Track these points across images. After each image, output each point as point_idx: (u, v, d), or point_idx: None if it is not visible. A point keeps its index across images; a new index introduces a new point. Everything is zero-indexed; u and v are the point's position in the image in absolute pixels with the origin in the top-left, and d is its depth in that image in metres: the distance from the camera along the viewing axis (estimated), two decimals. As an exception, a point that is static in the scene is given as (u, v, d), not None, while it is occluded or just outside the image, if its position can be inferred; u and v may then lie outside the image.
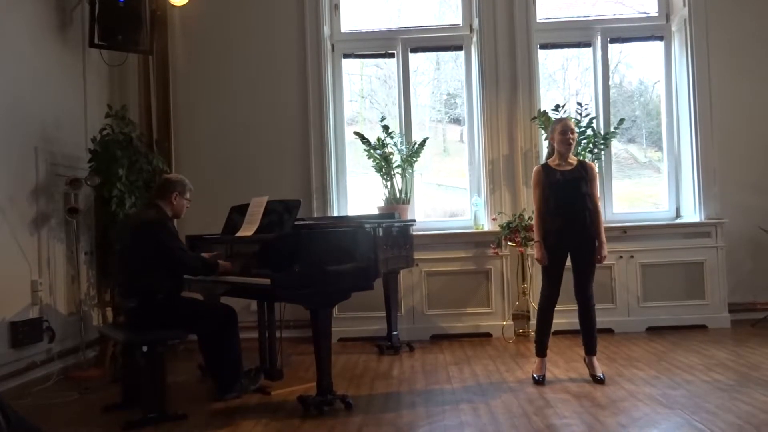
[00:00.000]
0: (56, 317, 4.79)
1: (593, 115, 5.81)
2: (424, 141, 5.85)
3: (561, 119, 4.26)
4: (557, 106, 5.64)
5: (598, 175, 4.16)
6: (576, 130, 4.14)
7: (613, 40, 6.09)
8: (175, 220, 4.06)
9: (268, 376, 4.23)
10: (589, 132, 5.63)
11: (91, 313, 5.22)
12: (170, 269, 3.70)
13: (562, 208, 3.98)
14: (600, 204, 4.12)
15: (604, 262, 4.12)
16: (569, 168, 4.04)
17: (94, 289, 5.23)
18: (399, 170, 5.84)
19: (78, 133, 5.21)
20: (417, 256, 5.21)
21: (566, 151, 4.05)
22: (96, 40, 5.14)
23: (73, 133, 5.16)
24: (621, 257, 5.56)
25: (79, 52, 5.31)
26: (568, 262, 4.06)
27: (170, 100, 5.92)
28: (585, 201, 3.98)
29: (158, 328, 3.54)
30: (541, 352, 4.10)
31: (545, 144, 5.52)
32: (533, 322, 5.15)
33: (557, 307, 4.15)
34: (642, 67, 6.39)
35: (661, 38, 6.08)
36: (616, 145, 6.11)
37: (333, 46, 6.11)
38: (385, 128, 5.79)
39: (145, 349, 3.44)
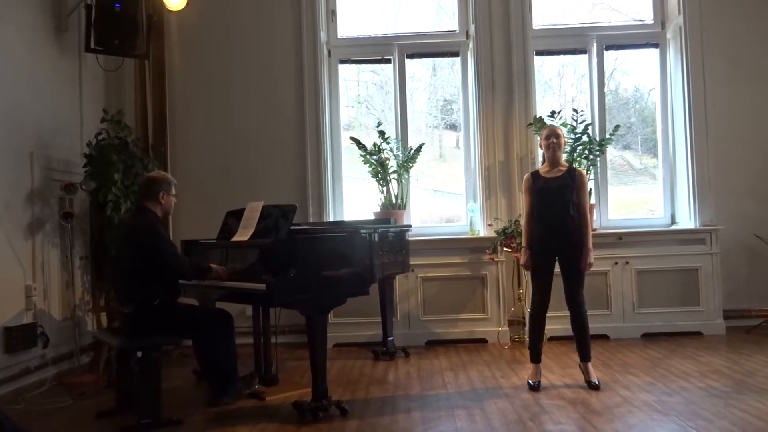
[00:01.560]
0: (50, 322, 4.77)
1: (589, 121, 5.83)
2: (420, 147, 5.86)
3: (548, 125, 4.31)
4: (553, 113, 5.66)
5: (587, 182, 4.17)
6: (563, 135, 4.16)
7: (609, 47, 6.12)
8: (171, 228, 4.04)
9: (263, 382, 4.22)
10: (585, 138, 5.65)
11: (86, 319, 5.20)
12: (163, 274, 3.69)
13: (544, 214, 4.02)
14: (588, 211, 4.11)
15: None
16: (557, 175, 4.07)
17: (88, 294, 5.21)
18: (395, 176, 5.85)
19: (73, 138, 5.20)
20: (413, 261, 5.20)
21: (552, 155, 4.09)
22: (92, 45, 5.13)
23: (68, 138, 5.15)
24: (616, 263, 5.56)
25: (75, 56, 5.30)
26: (557, 269, 4.08)
27: (166, 105, 5.92)
28: (567, 208, 3.98)
29: (154, 334, 3.53)
30: (536, 358, 4.11)
31: (540, 151, 5.54)
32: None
33: (552, 314, 4.17)
34: (637, 74, 6.41)
35: (656, 45, 6.11)
36: (611, 151, 6.13)
37: (329, 52, 6.12)
38: (382, 134, 5.80)
39: (140, 354, 3.42)
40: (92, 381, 4.55)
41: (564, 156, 5.57)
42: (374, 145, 5.79)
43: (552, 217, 4.00)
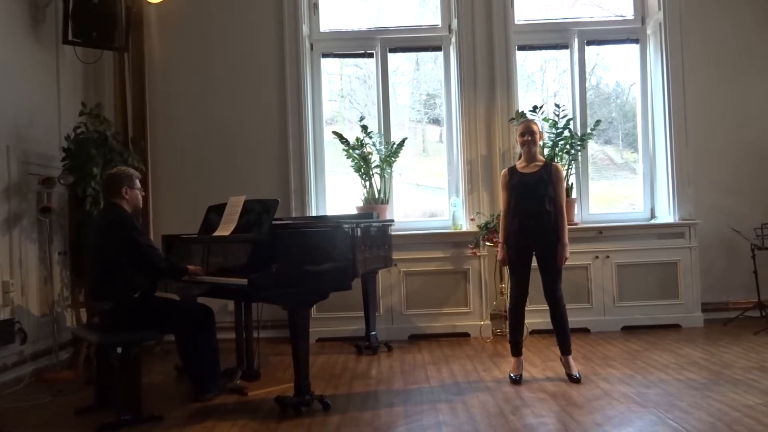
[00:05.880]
0: (28, 318, 4.70)
1: (570, 116, 5.86)
2: (403, 141, 5.86)
3: (522, 121, 4.33)
4: (535, 107, 5.69)
5: (563, 177, 4.18)
6: (538, 130, 4.17)
7: (590, 43, 6.16)
8: (151, 222, 4.00)
9: (245, 377, 4.21)
10: (566, 133, 5.69)
11: (65, 314, 5.13)
12: (141, 267, 3.65)
13: (519, 209, 4.05)
14: (565, 206, 4.12)
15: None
16: (532, 170, 4.08)
17: (67, 289, 5.14)
18: (378, 170, 5.84)
19: (51, 132, 5.12)
20: (395, 256, 5.22)
21: (528, 151, 4.10)
22: (70, 37, 5.05)
23: (46, 132, 5.06)
24: (597, 257, 5.61)
25: (52, 48, 5.21)
26: (535, 263, 4.11)
27: (146, 99, 5.83)
28: (543, 203, 4.00)
29: (133, 329, 3.50)
30: (517, 351, 4.14)
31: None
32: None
33: (534, 307, 4.21)
34: (618, 69, 6.46)
35: (636, 41, 6.16)
36: (592, 146, 6.18)
37: (312, 46, 6.09)
38: (364, 128, 5.79)
39: (119, 350, 3.39)
40: (71, 377, 4.50)
41: (546, 150, 5.65)
42: (357, 139, 5.78)
43: (527, 211, 4.02)
